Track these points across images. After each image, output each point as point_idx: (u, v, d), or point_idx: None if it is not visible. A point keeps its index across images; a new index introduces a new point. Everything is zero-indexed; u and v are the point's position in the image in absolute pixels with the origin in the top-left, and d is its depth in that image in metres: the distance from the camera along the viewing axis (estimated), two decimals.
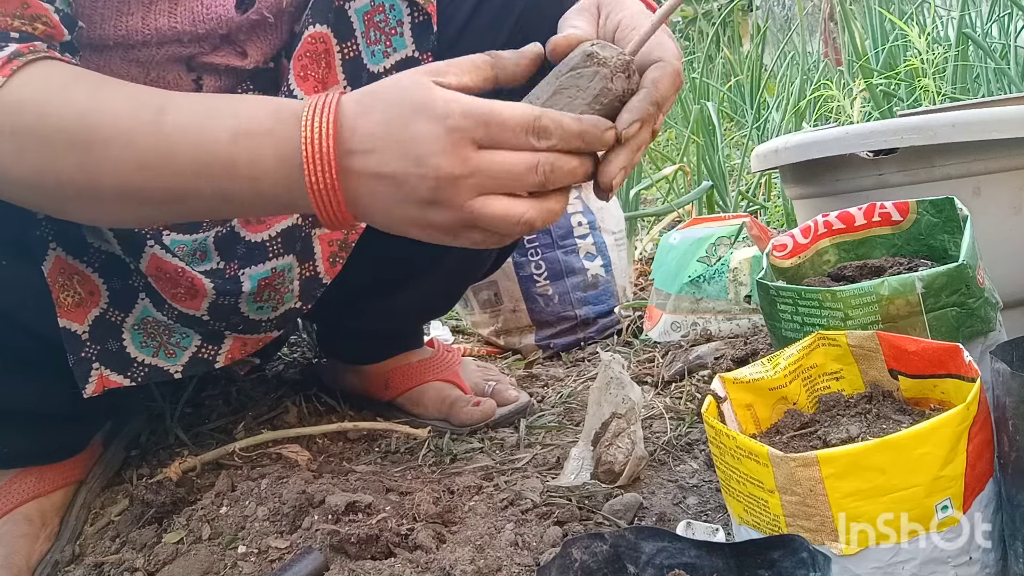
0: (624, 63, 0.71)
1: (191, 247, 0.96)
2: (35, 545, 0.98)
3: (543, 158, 0.68)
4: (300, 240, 0.98)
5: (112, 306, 0.94)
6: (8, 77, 0.70)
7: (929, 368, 0.74)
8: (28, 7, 0.74)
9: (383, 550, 0.85)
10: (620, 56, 0.71)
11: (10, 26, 0.73)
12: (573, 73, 0.71)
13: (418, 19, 0.95)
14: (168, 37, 0.88)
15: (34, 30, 0.74)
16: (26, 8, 0.74)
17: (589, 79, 0.71)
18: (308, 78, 0.94)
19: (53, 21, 0.76)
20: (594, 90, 0.71)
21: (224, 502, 0.97)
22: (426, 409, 1.25)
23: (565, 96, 0.71)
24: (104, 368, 0.94)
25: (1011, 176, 1.05)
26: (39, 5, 0.74)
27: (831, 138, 1.08)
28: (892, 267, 0.91)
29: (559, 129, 0.68)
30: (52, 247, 0.88)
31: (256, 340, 1.05)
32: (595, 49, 0.71)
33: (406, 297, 1.18)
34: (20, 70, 0.71)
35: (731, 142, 2.96)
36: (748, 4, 5.15)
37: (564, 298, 1.56)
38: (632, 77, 0.71)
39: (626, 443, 0.98)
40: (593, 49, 0.71)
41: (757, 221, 1.39)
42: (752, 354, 1.29)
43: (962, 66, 2.20)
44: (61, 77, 0.73)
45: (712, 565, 0.64)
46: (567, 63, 0.72)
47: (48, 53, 0.74)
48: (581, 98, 0.71)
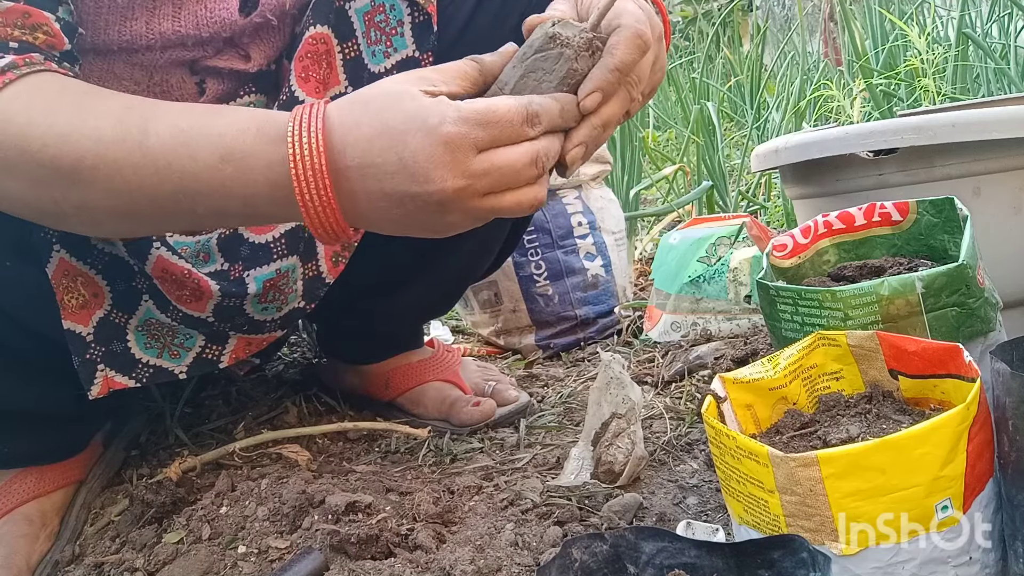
0: (586, 41, 0.71)
1: (194, 249, 0.96)
2: (35, 545, 0.98)
3: (540, 148, 0.68)
4: (303, 241, 0.99)
5: (116, 308, 0.94)
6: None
7: (929, 368, 0.74)
8: (30, 16, 0.74)
9: (383, 550, 0.85)
10: (582, 35, 0.71)
11: (10, 36, 0.73)
12: (538, 56, 0.71)
13: (418, 19, 0.95)
14: (172, 41, 0.88)
15: (35, 40, 0.74)
16: (27, 18, 0.73)
17: (555, 61, 0.71)
18: (310, 79, 0.94)
19: (54, 30, 0.76)
20: (560, 72, 0.71)
21: (224, 502, 0.97)
22: (426, 409, 1.25)
23: (532, 79, 0.71)
24: (109, 369, 0.94)
25: (1011, 176, 1.04)
26: (40, 15, 0.74)
27: (831, 138, 1.08)
28: (892, 267, 0.91)
29: (546, 113, 0.69)
30: (56, 249, 0.88)
31: (260, 340, 1.05)
32: (556, 30, 0.71)
33: (406, 297, 1.18)
34: (12, 83, 0.70)
35: (731, 142, 2.96)
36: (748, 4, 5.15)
37: (564, 298, 1.56)
38: (596, 54, 0.71)
39: (626, 443, 0.98)
40: (555, 30, 0.71)
41: (757, 221, 1.39)
42: (752, 354, 1.29)
43: (962, 66, 2.20)
44: (51, 91, 0.72)
45: (712, 565, 0.64)
46: (531, 45, 0.72)
47: (44, 65, 0.73)
48: (548, 80, 0.71)
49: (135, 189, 0.70)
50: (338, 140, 0.67)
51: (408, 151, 0.65)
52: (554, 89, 0.71)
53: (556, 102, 0.70)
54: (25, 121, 0.70)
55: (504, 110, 0.67)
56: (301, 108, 0.69)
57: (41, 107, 0.71)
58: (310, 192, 0.67)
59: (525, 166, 0.68)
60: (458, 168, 0.66)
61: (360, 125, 0.67)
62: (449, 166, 0.65)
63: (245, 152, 0.69)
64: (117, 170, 0.70)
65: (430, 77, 0.70)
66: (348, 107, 0.69)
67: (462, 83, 0.71)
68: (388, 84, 0.70)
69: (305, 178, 0.67)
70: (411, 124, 0.66)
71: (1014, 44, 2.20)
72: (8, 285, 0.88)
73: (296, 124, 0.68)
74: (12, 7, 0.72)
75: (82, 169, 0.69)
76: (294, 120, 0.68)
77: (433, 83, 0.69)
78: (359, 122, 0.67)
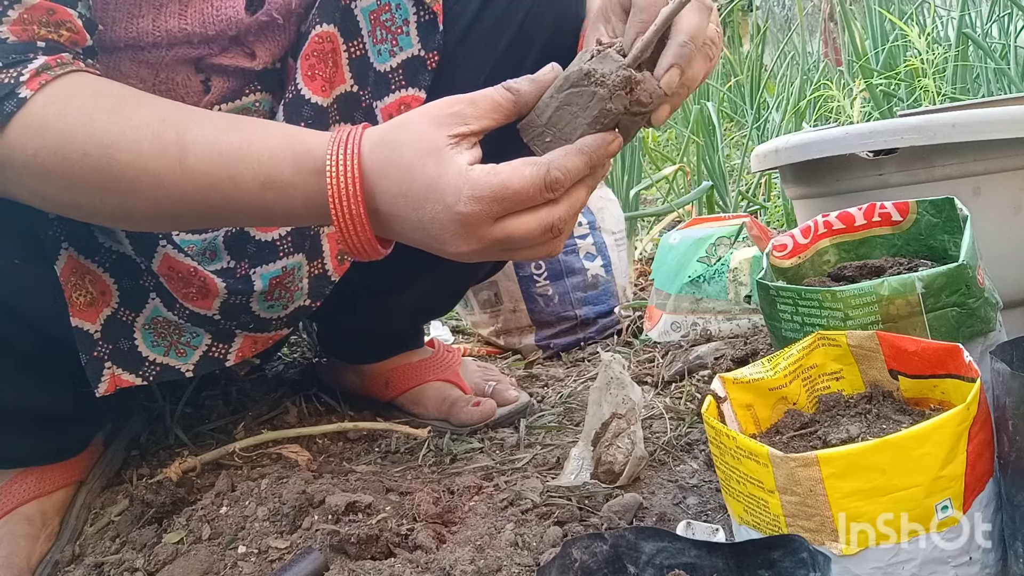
0: (622, 80, 0.69)
1: (200, 247, 0.96)
2: (35, 545, 0.98)
3: (557, 217, 0.71)
4: (309, 239, 0.99)
5: (123, 306, 0.94)
6: (35, 91, 0.71)
7: (929, 368, 0.74)
8: (54, 13, 0.74)
9: (383, 550, 0.85)
10: (618, 72, 0.69)
11: (36, 35, 0.73)
12: (573, 90, 0.70)
13: (424, 18, 0.96)
14: (178, 39, 0.89)
15: (59, 37, 0.75)
16: (52, 15, 0.74)
17: (588, 98, 0.70)
18: (316, 77, 0.95)
19: (77, 27, 0.76)
20: (593, 111, 0.70)
21: (224, 502, 0.97)
22: (426, 409, 1.25)
23: (567, 113, 0.71)
24: (116, 367, 0.94)
25: (1011, 176, 1.04)
26: (64, 11, 0.75)
27: (831, 138, 1.08)
28: (892, 267, 0.91)
29: (568, 175, 0.70)
30: (64, 247, 0.89)
31: (266, 338, 1.05)
32: (592, 66, 0.69)
33: (407, 297, 1.18)
34: (47, 85, 0.72)
35: (731, 142, 2.96)
36: (748, 4, 5.15)
37: (564, 298, 1.56)
38: (635, 90, 0.70)
39: (626, 443, 0.98)
40: (590, 66, 0.69)
41: (757, 221, 1.39)
42: (752, 354, 1.29)
43: (962, 66, 2.20)
44: (85, 95, 0.73)
45: (712, 565, 0.64)
46: (567, 78, 0.71)
47: (74, 65, 0.74)
48: (582, 117, 0.70)
49: (178, 201, 0.74)
50: (369, 186, 0.72)
51: (427, 217, 0.70)
52: (587, 126, 0.70)
53: (582, 156, 0.70)
54: (63, 127, 0.71)
55: (518, 185, 0.68)
56: (336, 141, 0.72)
57: (77, 113, 0.72)
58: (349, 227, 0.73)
59: (540, 234, 0.70)
60: (472, 237, 0.70)
61: (387, 176, 0.71)
62: (463, 237, 0.70)
63: (284, 183, 0.73)
64: (159, 184, 0.73)
65: (464, 113, 0.71)
66: (379, 150, 0.72)
67: (495, 116, 0.72)
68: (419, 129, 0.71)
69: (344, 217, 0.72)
70: (430, 195, 0.69)
71: (1014, 44, 2.20)
72: (16, 282, 0.88)
73: (333, 163, 0.72)
74: (37, 4, 0.73)
75: (124, 180, 0.72)
76: (331, 157, 0.72)
77: (466, 120, 0.71)
78: (387, 173, 0.71)
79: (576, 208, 0.72)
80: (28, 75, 0.71)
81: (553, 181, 0.69)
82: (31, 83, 0.71)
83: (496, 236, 0.69)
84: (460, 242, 0.70)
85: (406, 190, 0.70)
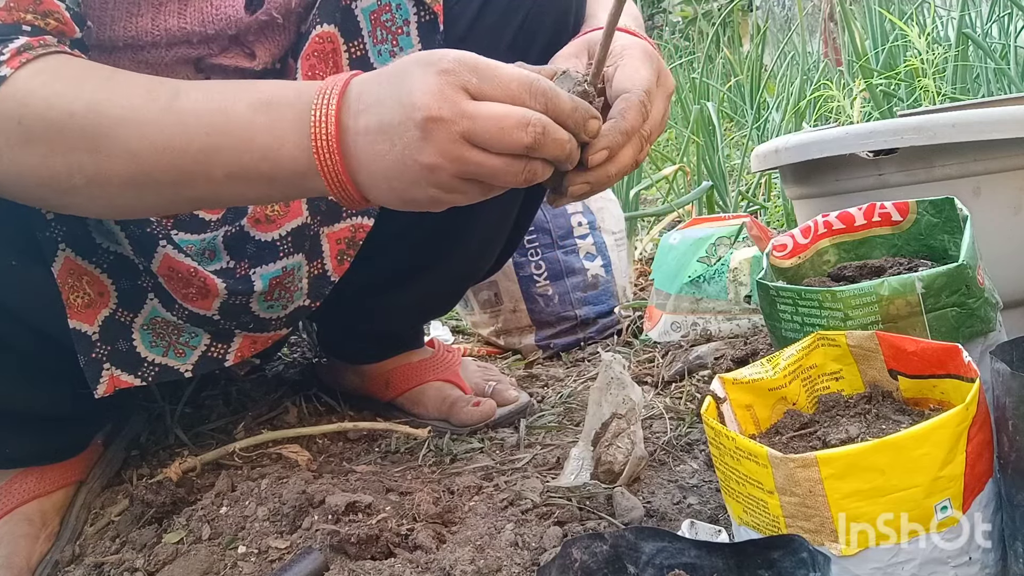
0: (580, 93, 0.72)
1: (199, 247, 0.96)
2: (35, 545, 0.98)
3: (535, 116, 0.67)
4: (309, 239, 0.99)
5: (121, 306, 0.94)
6: (16, 69, 0.70)
7: (929, 368, 0.74)
8: (41, 3, 0.74)
9: (383, 550, 0.85)
10: (575, 88, 0.72)
11: (22, 19, 0.73)
12: None
13: (424, 18, 0.96)
14: (177, 38, 0.89)
15: (46, 25, 0.74)
16: (39, 4, 0.74)
17: None
18: (316, 78, 0.95)
19: (65, 17, 0.76)
20: None
21: (224, 502, 0.97)
22: (426, 409, 1.25)
23: None
24: (115, 368, 0.94)
25: (1011, 176, 1.04)
26: (51, 2, 0.75)
27: (831, 138, 1.08)
28: (892, 267, 0.91)
29: (555, 97, 0.68)
30: (61, 248, 0.88)
31: (265, 338, 1.05)
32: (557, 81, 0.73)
33: (407, 297, 1.18)
34: (29, 63, 0.71)
35: (731, 142, 2.96)
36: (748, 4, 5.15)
37: (564, 298, 1.56)
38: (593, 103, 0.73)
39: (626, 443, 0.98)
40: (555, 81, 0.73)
41: (757, 221, 1.39)
42: (752, 354, 1.29)
43: (962, 66, 2.20)
44: (73, 68, 0.73)
45: (712, 565, 0.64)
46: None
47: (59, 48, 0.74)
48: None
49: (160, 150, 0.71)
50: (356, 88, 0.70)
51: (405, 84, 0.68)
52: None
53: (572, 101, 0.69)
54: (50, 93, 0.70)
55: (506, 71, 0.68)
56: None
57: (66, 82, 0.71)
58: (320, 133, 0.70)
59: (511, 127, 0.66)
60: (443, 97, 0.66)
61: (380, 76, 0.71)
62: (435, 94, 0.66)
63: (281, 102, 0.71)
64: (141, 125, 0.71)
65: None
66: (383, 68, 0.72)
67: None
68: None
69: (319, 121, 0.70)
70: (416, 63, 0.68)
71: (1014, 44, 2.20)
72: (13, 284, 0.88)
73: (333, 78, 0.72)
74: None
75: (104, 127, 0.70)
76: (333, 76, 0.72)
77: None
78: (380, 74, 0.71)
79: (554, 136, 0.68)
80: (8, 54, 0.70)
81: (538, 88, 0.67)
82: (11, 62, 0.70)
83: (466, 108, 0.66)
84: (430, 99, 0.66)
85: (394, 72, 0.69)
